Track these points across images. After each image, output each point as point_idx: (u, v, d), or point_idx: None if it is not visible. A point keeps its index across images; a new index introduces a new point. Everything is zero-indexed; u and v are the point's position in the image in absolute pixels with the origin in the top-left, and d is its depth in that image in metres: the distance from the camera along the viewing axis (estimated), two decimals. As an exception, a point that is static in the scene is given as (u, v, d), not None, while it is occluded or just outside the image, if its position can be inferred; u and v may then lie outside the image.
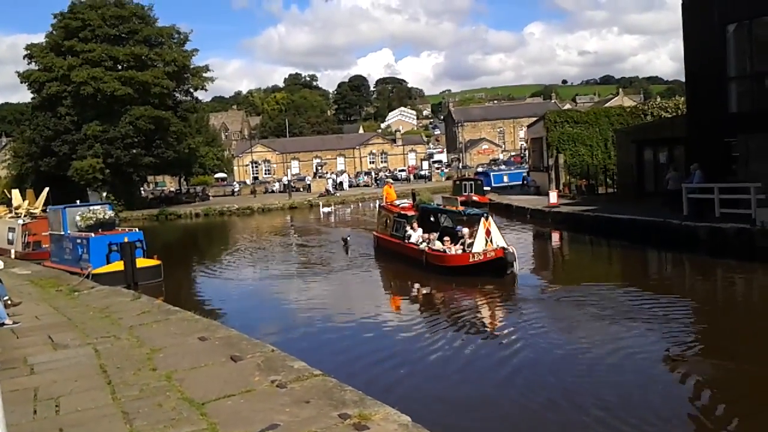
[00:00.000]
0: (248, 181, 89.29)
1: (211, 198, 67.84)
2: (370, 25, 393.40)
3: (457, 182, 42.29)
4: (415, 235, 20.53)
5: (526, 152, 61.10)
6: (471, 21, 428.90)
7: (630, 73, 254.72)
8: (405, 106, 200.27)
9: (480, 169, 67.08)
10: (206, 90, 59.76)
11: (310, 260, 24.22)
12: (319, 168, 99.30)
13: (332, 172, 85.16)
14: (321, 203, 51.75)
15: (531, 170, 44.30)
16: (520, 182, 45.60)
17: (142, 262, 20.27)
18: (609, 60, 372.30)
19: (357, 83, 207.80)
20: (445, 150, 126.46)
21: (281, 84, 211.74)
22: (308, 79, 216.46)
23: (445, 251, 18.45)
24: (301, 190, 68.76)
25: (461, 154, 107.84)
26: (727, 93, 19.47)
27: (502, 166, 72.34)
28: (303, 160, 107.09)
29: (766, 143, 19.70)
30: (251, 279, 21.77)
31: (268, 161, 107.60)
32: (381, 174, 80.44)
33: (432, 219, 21.87)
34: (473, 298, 15.95)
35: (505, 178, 51.05)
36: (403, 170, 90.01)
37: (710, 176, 21.73)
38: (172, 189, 79.27)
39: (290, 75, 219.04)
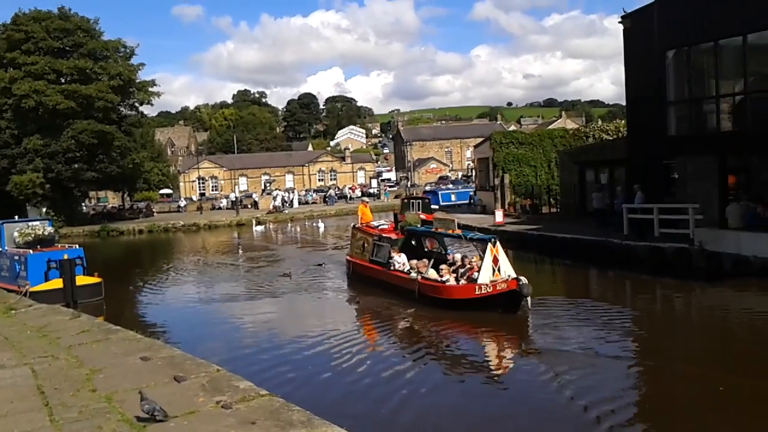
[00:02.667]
0: (195, 198, 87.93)
1: (156, 214, 66.53)
2: (320, 44, 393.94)
3: (405, 200, 42.30)
4: (400, 261, 18.28)
5: (473, 172, 61.88)
6: (420, 42, 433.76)
7: (573, 96, 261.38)
8: (354, 125, 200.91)
9: (428, 188, 67.63)
10: (152, 105, 58.80)
11: (258, 280, 23.87)
12: (268, 185, 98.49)
13: (280, 190, 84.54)
14: (254, 221, 51.13)
15: (477, 189, 44.90)
16: (467, 201, 46.15)
17: (82, 280, 19.72)
18: (552, 83, 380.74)
19: (306, 101, 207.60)
20: (393, 168, 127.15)
21: (230, 100, 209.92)
22: (257, 95, 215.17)
23: (444, 281, 16.20)
24: (249, 206, 68.03)
25: (410, 173, 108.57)
26: (667, 117, 20.14)
27: (450, 185, 73.13)
28: (251, 176, 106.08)
29: (703, 165, 20.50)
30: (196, 297, 21.30)
31: (216, 177, 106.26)
32: (330, 191, 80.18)
33: (413, 243, 19.83)
34: (431, 319, 15.61)
35: (453, 197, 51.65)
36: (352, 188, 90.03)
37: (650, 197, 22.45)
38: (115, 205, 77.43)
39: (239, 91, 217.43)
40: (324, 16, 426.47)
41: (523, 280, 14.80)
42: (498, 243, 15.62)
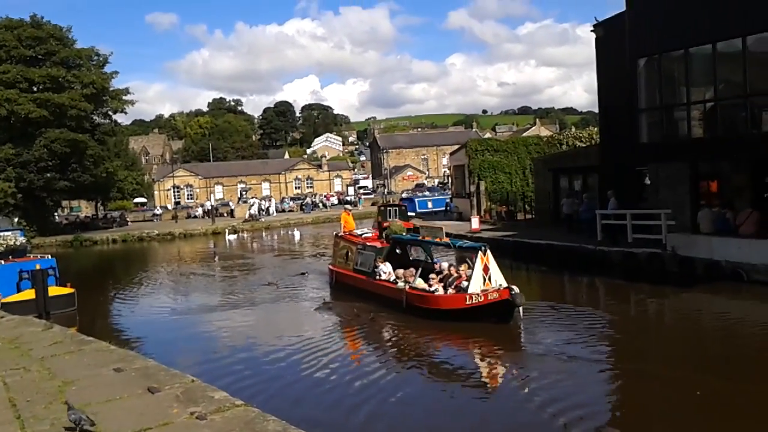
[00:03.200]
0: (170, 206, 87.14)
1: (130, 223, 65.83)
2: (296, 52, 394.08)
3: (382, 208, 42.42)
4: (386, 270, 17.84)
5: (449, 179, 62.16)
6: (395, 50, 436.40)
7: (546, 104, 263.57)
8: (331, 133, 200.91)
9: (405, 195, 67.74)
10: (126, 113, 58.34)
11: (234, 289, 23.71)
12: (244, 193, 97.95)
13: (256, 198, 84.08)
14: (227, 230, 50.74)
15: (454, 196, 45.09)
16: (444, 208, 46.31)
17: (54, 291, 19.47)
18: (527, 91, 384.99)
19: (283, 109, 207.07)
20: (370, 176, 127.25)
21: (205, 108, 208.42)
22: (233, 103, 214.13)
23: (432, 291, 15.85)
24: (225, 215, 67.63)
25: (386, 180, 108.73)
26: (638, 124, 20.39)
27: (426, 192, 73.31)
28: (227, 185, 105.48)
29: (674, 172, 20.79)
30: (171, 308, 21.04)
31: (191, 186, 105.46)
32: (308, 199, 79.94)
33: (398, 251, 19.47)
34: (415, 329, 15.45)
35: (430, 204, 51.80)
36: (331, 196, 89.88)
37: (623, 203, 22.71)
38: (88, 214, 76.48)
39: (214, 99, 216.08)
40: (299, 24, 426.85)
41: (515, 289, 14.52)
42: (489, 251, 15.22)
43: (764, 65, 17.05)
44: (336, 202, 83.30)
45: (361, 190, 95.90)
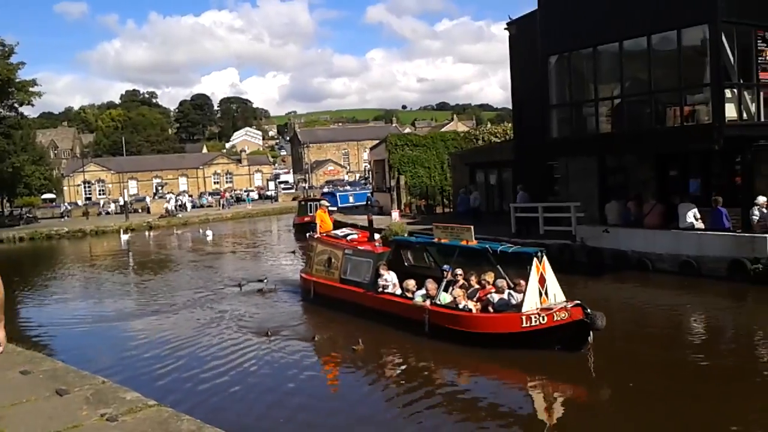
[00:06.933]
0: (80, 202, 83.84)
1: (39, 221, 63.00)
2: (214, 44, 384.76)
3: (303, 203, 42.44)
4: (391, 281, 14.51)
5: (370, 174, 62.39)
6: (316, 44, 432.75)
7: (464, 100, 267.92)
8: (250, 126, 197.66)
9: (326, 190, 67.67)
10: (33, 105, 55.77)
11: (149, 288, 23.10)
12: (160, 188, 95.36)
13: (173, 193, 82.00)
14: (121, 230, 48.79)
15: (374, 191, 45.38)
16: (365, 202, 46.54)
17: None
18: (445, 87, 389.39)
19: (200, 102, 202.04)
20: (291, 171, 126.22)
21: (117, 100, 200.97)
22: (147, 96, 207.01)
23: (465, 308, 12.54)
24: (140, 211, 65.72)
25: (307, 175, 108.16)
26: (550, 120, 20.97)
27: (348, 187, 73.37)
28: (142, 180, 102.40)
29: (584, 166, 21.63)
30: (81, 308, 20.36)
31: (103, 181, 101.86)
32: (227, 194, 78.51)
33: (390, 256, 15.54)
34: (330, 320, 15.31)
35: (351, 198, 51.89)
36: (251, 191, 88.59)
37: (535, 196, 23.46)
38: (-7, 211, 72.71)
39: (127, 91, 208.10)
40: (217, 16, 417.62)
41: (587, 308, 11.43)
42: (545, 257, 12.23)
43: (668, 63, 17.84)
44: (257, 196, 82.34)
45: (282, 185, 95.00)
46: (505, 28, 26.88)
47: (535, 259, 11.89)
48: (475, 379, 11.32)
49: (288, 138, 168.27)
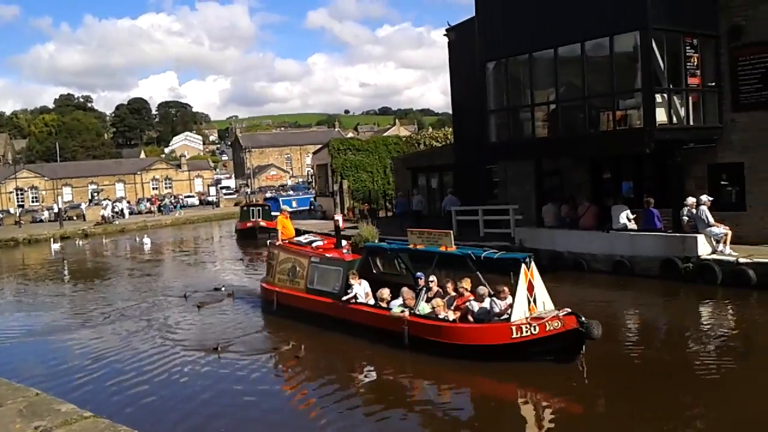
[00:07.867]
0: (12, 210, 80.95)
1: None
2: (152, 47, 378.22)
3: (245, 208, 42.03)
4: (362, 291, 13.78)
5: (313, 178, 62.28)
6: (257, 48, 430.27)
7: (406, 105, 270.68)
8: (190, 131, 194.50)
9: (269, 194, 67.19)
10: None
11: (87, 296, 22.47)
12: (96, 195, 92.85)
13: (110, 200, 79.92)
14: (52, 239, 46.67)
15: (317, 195, 45.30)
16: (308, 207, 46.41)
17: None
18: (387, 92, 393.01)
19: (137, 106, 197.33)
20: (233, 176, 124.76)
21: (51, 105, 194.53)
22: (82, 100, 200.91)
23: (445, 319, 11.93)
24: (75, 218, 63.81)
25: (249, 180, 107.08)
26: (488, 124, 21.22)
27: (290, 192, 72.98)
28: (77, 186, 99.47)
29: (521, 169, 22.12)
30: (14, 319, 19.57)
31: (36, 188, 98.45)
32: (166, 200, 77.01)
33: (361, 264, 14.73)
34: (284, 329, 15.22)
35: (294, 203, 51.62)
36: (191, 196, 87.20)
37: (475, 199, 23.88)
38: None
39: (61, 95, 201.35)
40: (154, 19, 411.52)
41: (582, 317, 10.79)
42: (533, 263, 11.68)
43: (601, 69, 18.34)
44: (198, 202, 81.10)
45: (224, 190, 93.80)
46: (445, 35, 27.28)
47: (523, 265, 11.30)
48: (458, 394, 10.77)
49: (229, 143, 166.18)
